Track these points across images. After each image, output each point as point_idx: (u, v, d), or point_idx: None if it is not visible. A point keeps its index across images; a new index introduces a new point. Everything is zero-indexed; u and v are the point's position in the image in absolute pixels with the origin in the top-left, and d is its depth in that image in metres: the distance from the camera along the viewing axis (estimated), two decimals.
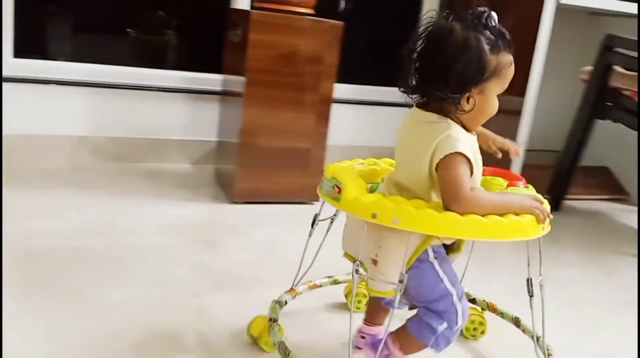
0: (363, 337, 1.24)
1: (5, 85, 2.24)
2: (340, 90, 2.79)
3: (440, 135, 1.00)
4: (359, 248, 1.05)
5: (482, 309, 1.41)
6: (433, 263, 1.05)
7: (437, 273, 1.06)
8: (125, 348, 1.20)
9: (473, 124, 1.07)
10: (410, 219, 0.96)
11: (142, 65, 2.52)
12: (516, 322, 1.36)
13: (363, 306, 1.38)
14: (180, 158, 2.59)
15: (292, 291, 1.34)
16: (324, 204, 1.15)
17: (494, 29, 1.01)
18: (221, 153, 2.38)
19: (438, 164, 1.00)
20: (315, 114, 2.15)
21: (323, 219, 1.22)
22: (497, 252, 1.87)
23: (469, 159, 1.01)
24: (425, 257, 1.05)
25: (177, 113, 2.57)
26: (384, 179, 1.14)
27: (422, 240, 1.03)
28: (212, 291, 1.49)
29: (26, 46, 2.34)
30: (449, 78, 0.99)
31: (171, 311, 1.37)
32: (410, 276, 1.02)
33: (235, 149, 2.11)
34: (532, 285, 1.14)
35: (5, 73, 2.25)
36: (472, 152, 1.02)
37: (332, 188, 1.06)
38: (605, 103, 2.37)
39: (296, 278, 1.30)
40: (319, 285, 1.44)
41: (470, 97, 1.02)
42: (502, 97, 2.87)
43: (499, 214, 1.00)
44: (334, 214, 1.21)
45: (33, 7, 2.40)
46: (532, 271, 1.14)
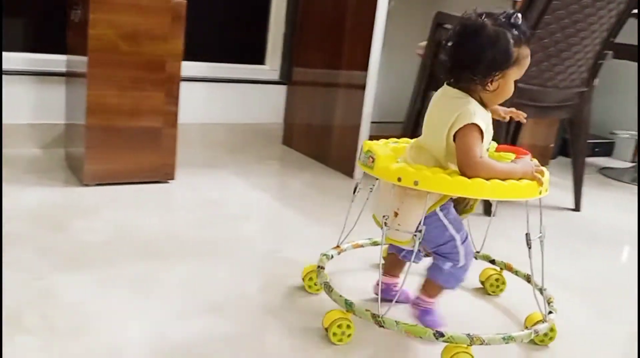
0: (381, 285, 1.38)
1: None
2: (193, 68, 2.82)
3: (461, 108, 1.24)
4: (387, 206, 1.32)
5: (501, 269, 1.65)
6: (439, 215, 1.30)
7: (443, 223, 1.31)
8: None
9: (492, 102, 1.31)
10: (428, 182, 1.21)
11: None
12: (527, 279, 1.57)
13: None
14: (29, 143, 2.51)
15: (338, 248, 1.57)
16: (363, 176, 1.39)
17: (519, 27, 1.24)
18: (70, 135, 2.34)
19: (456, 132, 1.24)
20: (164, 93, 2.16)
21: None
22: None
23: (481, 130, 1.24)
24: (434, 211, 1.29)
25: (24, 96, 2.48)
26: (410, 143, 1.39)
27: (437, 199, 1.28)
28: (56, 273, 1.50)
29: None
30: (480, 63, 1.23)
31: (12, 293, 1.37)
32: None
33: (83, 131, 2.08)
34: (530, 238, 1.35)
35: None
36: (485, 124, 1.26)
37: (368, 159, 1.31)
38: (440, 76, 2.57)
39: (340, 237, 1.54)
40: (361, 244, 1.67)
41: (494, 81, 1.25)
42: (346, 72, 3.02)
43: (502, 180, 1.23)
44: (373, 185, 1.45)
45: None
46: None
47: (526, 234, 1.35)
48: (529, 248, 1.34)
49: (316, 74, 2.85)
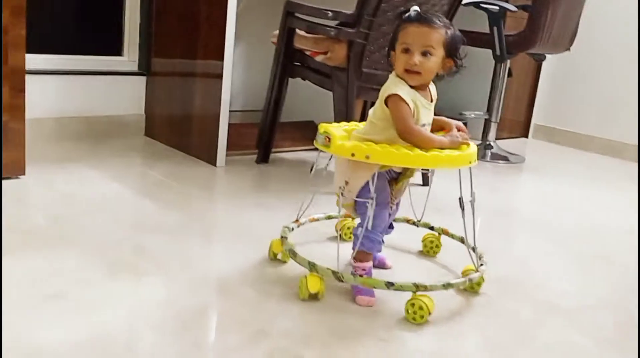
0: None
1: None
2: (44, 61, 2.75)
3: (387, 83, 1.51)
4: (341, 178, 1.56)
5: (439, 234, 1.89)
6: (369, 181, 1.51)
7: (368, 185, 1.50)
8: None
9: (404, 78, 1.50)
10: (378, 156, 1.44)
11: None
12: (462, 240, 1.79)
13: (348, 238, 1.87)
14: None
15: (297, 222, 1.79)
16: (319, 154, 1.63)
17: (408, 17, 1.49)
18: None
19: (386, 102, 1.48)
20: (7, 87, 2.10)
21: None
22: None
23: (406, 102, 1.46)
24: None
25: None
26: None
27: (378, 168, 1.50)
28: None
29: None
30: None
31: None
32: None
33: None
34: (463, 201, 1.61)
35: None
36: (411, 98, 1.48)
37: (324, 139, 1.51)
38: (294, 63, 2.66)
39: (299, 211, 1.77)
40: (316, 218, 1.90)
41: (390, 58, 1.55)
42: (203, 62, 3.02)
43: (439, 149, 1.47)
44: (327, 163, 1.72)
45: None
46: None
47: (459, 198, 1.61)
48: (462, 210, 1.60)
49: (175, 64, 2.85)
